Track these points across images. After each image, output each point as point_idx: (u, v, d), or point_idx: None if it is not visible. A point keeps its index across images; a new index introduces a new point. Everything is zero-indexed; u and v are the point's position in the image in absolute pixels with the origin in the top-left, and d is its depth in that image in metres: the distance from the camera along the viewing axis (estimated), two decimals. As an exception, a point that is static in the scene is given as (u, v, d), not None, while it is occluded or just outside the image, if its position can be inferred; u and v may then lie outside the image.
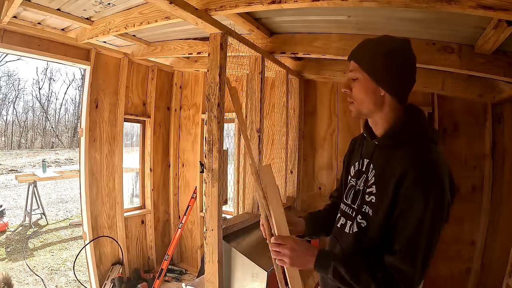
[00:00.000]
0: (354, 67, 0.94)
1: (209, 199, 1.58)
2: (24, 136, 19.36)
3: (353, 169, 1.07)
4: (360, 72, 0.93)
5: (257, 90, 2.02)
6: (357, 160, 1.06)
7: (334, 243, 1.06)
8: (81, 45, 2.72)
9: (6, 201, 6.91)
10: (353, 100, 0.97)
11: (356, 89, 0.95)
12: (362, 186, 0.97)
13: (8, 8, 1.88)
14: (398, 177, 0.84)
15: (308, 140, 2.97)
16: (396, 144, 0.92)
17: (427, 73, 2.29)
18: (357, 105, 0.96)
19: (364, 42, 0.97)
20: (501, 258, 2.10)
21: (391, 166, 0.89)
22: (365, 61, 0.93)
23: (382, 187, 0.89)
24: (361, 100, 0.95)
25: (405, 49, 0.93)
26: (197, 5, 1.51)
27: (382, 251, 0.86)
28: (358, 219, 0.95)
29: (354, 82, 0.95)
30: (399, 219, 0.84)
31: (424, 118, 1.00)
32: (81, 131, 2.90)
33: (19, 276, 3.56)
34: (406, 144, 0.90)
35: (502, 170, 2.24)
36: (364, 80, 0.93)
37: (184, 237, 3.74)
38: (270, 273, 1.57)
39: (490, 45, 1.56)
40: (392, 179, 0.86)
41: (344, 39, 2.02)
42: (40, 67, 20.11)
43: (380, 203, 0.89)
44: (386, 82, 0.91)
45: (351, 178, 1.06)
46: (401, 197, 0.84)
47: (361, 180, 1.00)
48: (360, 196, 0.97)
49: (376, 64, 0.91)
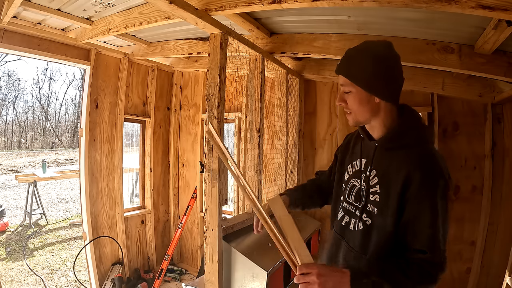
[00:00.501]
0: (345, 81, 0.98)
1: (209, 199, 1.58)
2: (24, 136, 19.37)
3: (350, 168, 1.11)
4: (352, 86, 0.96)
5: (257, 90, 2.02)
6: (354, 159, 1.10)
7: (338, 240, 1.10)
8: (81, 45, 2.72)
9: (6, 201, 6.91)
10: (350, 111, 1.00)
11: (351, 101, 0.98)
12: (365, 186, 1.01)
13: (8, 8, 1.88)
14: (404, 180, 0.89)
15: (308, 140, 2.97)
16: (397, 146, 0.96)
17: (427, 73, 2.29)
18: (354, 116, 1.00)
19: (347, 54, 1.00)
20: (501, 258, 2.10)
21: (393, 167, 0.94)
22: (353, 74, 0.96)
23: (386, 187, 0.94)
24: (357, 111, 0.98)
25: (387, 52, 0.96)
26: (197, 5, 1.51)
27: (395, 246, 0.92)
28: (363, 217, 0.99)
29: (348, 95, 0.99)
30: (413, 220, 0.89)
31: (420, 119, 1.03)
32: (81, 131, 2.90)
33: (19, 276, 3.56)
34: (406, 146, 0.95)
35: (502, 170, 2.25)
36: (357, 93, 0.96)
37: (184, 237, 3.74)
38: (270, 273, 1.57)
39: (490, 45, 1.56)
40: (396, 180, 0.91)
41: (344, 39, 2.02)
42: (40, 67, 20.17)
43: (385, 203, 0.93)
44: (378, 90, 0.95)
45: (351, 178, 1.10)
46: (410, 199, 0.89)
47: (361, 179, 1.04)
48: (364, 195, 1.01)
49: (364, 74, 0.94)
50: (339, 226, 1.10)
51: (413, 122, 0.99)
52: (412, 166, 0.89)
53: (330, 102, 2.87)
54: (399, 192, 0.90)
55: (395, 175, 0.92)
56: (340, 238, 1.09)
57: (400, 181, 0.90)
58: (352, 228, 1.03)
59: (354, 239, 1.03)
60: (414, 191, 0.88)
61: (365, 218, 0.99)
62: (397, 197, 0.90)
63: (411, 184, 0.88)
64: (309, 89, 2.96)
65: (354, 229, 1.02)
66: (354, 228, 1.02)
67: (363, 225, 0.99)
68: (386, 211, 0.93)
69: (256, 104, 2.04)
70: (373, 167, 1.00)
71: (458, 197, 2.38)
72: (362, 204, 1.01)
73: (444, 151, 2.42)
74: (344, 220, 1.08)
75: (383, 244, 0.95)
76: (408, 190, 0.89)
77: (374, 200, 0.97)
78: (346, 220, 1.08)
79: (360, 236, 1.00)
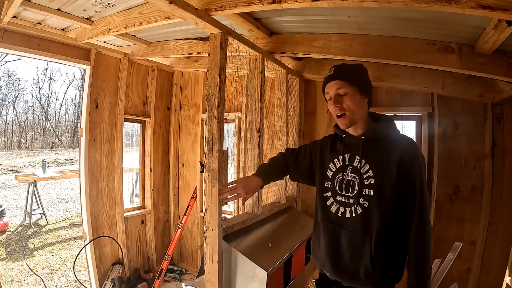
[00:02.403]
0: (341, 84, 1.19)
1: (209, 199, 1.58)
2: (24, 136, 19.37)
3: (333, 165, 1.30)
4: (348, 87, 1.18)
5: (257, 90, 2.02)
6: (336, 157, 1.29)
7: (336, 230, 1.24)
8: (81, 45, 2.72)
9: (6, 201, 6.92)
10: (345, 111, 1.19)
11: (347, 102, 1.19)
12: (355, 176, 1.21)
13: (8, 8, 1.88)
14: (398, 159, 1.14)
15: (308, 140, 2.96)
16: (380, 137, 1.21)
17: (427, 73, 2.29)
18: (350, 115, 1.19)
19: (339, 67, 1.23)
20: (501, 258, 2.10)
21: (384, 153, 1.18)
22: (349, 77, 1.19)
23: (381, 169, 1.17)
24: (354, 110, 1.19)
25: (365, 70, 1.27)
26: (197, 5, 1.51)
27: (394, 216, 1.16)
28: (361, 201, 1.18)
29: (343, 97, 1.19)
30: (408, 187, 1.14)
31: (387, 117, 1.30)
32: (81, 131, 2.90)
33: (19, 276, 3.56)
34: (386, 137, 1.21)
35: (502, 170, 2.25)
36: (353, 93, 1.19)
37: (184, 237, 3.74)
38: (270, 273, 1.57)
39: (490, 45, 1.56)
40: (391, 162, 1.15)
41: (344, 39, 2.02)
42: (40, 67, 20.21)
43: (382, 181, 1.15)
44: (368, 92, 1.23)
45: (337, 173, 1.27)
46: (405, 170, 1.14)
47: (348, 171, 1.24)
48: (357, 183, 1.20)
49: (358, 79, 1.21)
50: (335, 218, 1.26)
51: (384, 119, 1.26)
52: (402, 149, 1.16)
53: (330, 102, 2.87)
54: (396, 168, 1.14)
55: (388, 158, 1.16)
56: (339, 228, 1.24)
57: (395, 161, 1.15)
58: (349, 215, 1.21)
59: (354, 224, 1.19)
60: (407, 165, 1.14)
61: (362, 201, 1.18)
62: (396, 170, 1.14)
63: (404, 161, 1.14)
64: (309, 89, 2.96)
65: (351, 215, 1.20)
66: (351, 215, 1.20)
67: (361, 208, 1.18)
68: (386, 185, 1.15)
69: (256, 104, 2.03)
70: (362, 158, 1.21)
71: (458, 197, 2.38)
72: (357, 191, 1.20)
73: (444, 151, 2.42)
74: (340, 211, 1.24)
75: (385, 217, 1.14)
76: (403, 165, 1.14)
77: (369, 183, 1.17)
78: (341, 211, 1.24)
79: (360, 219, 1.18)
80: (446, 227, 2.38)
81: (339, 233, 1.23)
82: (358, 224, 1.18)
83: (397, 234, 1.17)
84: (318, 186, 1.36)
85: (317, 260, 1.36)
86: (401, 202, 1.15)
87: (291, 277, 1.92)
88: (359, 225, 1.18)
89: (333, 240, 1.25)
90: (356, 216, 1.19)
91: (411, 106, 2.55)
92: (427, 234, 1.12)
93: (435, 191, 2.41)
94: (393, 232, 1.16)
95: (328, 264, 1.26)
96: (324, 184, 1.32)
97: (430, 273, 1.16)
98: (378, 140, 1.21)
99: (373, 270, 1.14)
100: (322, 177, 1.34)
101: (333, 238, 1.25)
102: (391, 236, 1.16)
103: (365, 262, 1.15)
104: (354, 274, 1.18)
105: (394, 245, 1.17)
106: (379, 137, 1.21)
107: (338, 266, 1.23)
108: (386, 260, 1.16)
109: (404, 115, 2.65)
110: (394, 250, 1.17)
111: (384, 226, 1.15)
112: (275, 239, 1.93)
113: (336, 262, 1.23)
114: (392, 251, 1.17)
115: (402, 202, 1.15)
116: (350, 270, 1.19)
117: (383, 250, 1.15)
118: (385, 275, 1.16)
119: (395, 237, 1.17)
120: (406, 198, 1.14)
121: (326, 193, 1.30)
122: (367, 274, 1.15)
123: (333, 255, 1.25)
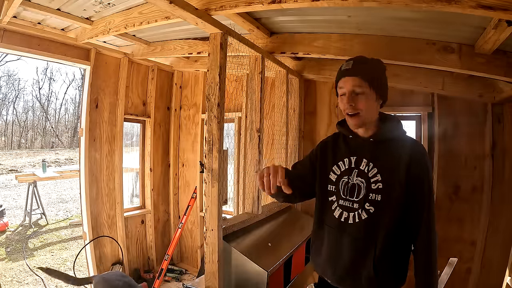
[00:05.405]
0: (360, 82, 1.10)
1: (209, 199, 1.58)
2: (24, 136, 19.36)
3: (337, 168, 1.22)
4: (366, 87, 1.10)
5: (257, 90, 2.02)
6: (340, 160, 1.21)
7: (338, 236, 1.18)
8: (81, 45, 2.72)
9: (6, 201, 6.91)
10: (359, 110, 1.11)
11: (362, 102, 1.10)
12: (361, 180, 1.14)
13: (8, 8, 1.88)
14: (408, 161, 1.09)
15: (308, 140, 2.96)
16: (389, 139, 1.16)
17: (427, 73, 2.29)
18: (364, 116, 1.11)
19: (361, 61, 1.14)
20: (501, 258, 2.10)
21: (393, 156, 1.12)
22: (370, 77, 1.10)
23: (390, 173, 1.10)
24: (368, 111, 1.12)
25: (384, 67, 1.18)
26: (197, 5, 1.51)
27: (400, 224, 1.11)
28: (366, 206, 1.12)
29: (359, 96, 1.10)
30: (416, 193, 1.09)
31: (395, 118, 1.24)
32: (81, 131, 2.90)
33: (19, 276, 3.56)
34: (395, 138, 1.16)
35: (502, 170, 2.25)
36: (370, 94, 1.11)
37: (184, 237, 3.74)
38: (270, 273, 1.57)
39: (490, 45, 1.56)
40: (400, 165, 1.10)
41: (344, 39, 2.01)
42: (40, 67, 20.15)
43: (392, 184, 1.10)
44: (384, 94, 1.16)
45: (341, 177, 1.19)
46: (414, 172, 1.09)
47: (353, 175, 1.16)
48: (364, 187, 1.13)
49: (378, 80, 1.13)
50: (337, 223, 1.18)
51: (392, 119, 1.20)
52: (411, 151, 1.11)
53: (330, 102, 2.87)
54: (405, 173, 1.09)
55: (397, 160, 1.10)
56: (341, 233, 1.17)
57: (404, 164, 1.09)
58: (352, 221, 1.14)
59: (358, 230, 1.13)
60: (416, 170, 1.09)
61: (368, 207, 1.12)
62: (405, 174, 1.09)
63: (412, 165, 1.09)
64: (309, 89, 2.96)
65: (354, 221, 1.14)
66: (354, 220, 1.14)
67: (366, 213, 1.12)
68: (395, 190, 1.09)
69: (256, 104, 2.03)
70: (370, 161, 1.14)
71: (458, 197, 2.38)
72: (363, 195, 1.13)
73: (444, 151, 2.42)
74: (343, 216, 1.17)
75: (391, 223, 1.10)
76: (411, 169, 1.09)
77: (377, 188, 1.11)
78: (345, 216, 1.17)
79: (364, 225, 1.12)
80: (446, 227, 2.38)
81: (341, 239, 1.17)
82: (362, 229, 1.12)
83: (401, 240, 1.13)
84: (319, 190, 1.28)
85: (317, 267, 1.31)
86: (408, 208, 1.10)
87: (291, 277, 1.92)
88: (363, 231, 1.12)
89: (335, 246, 1.19)
90: (360, 221, 1.13)
91: (411, 106, 2.55)
92: (434, 240, 1.10)
93: (435, 191, 2.41)
94: (398, 238, 1.12)
95: (329, 272, 1.22)
96: (327, 188, 1.24)
97: (437, 280, 1.16)
98: (385, 142, 1.15)
99: (376, 277, 1.11)
100: (324, 181, 1.25)
101: (335, 244, 1.19)
102: (396, 242, 1.12)
103: (368, 269, 1.11)
104: (356, 281, 1.14)
105: (398, 251, 1.13)
106: (387, 138, 1.16)
107: (339, 273, 1.18)
108: (390, 267, 1.12)
109: (404, 115, 2.65)
110: (397, 257, 1.14)
111: (390, 232, 1.10)
112: (275, 239, 1.93)
113: (337, 269, 1.18)
114: (395, 258, 1.13)
115: (409, 208, 1.10)
116: (352, 277, 1.15)
117: (387, 257, 1.11)
118: (387, 282, 1.13)
119: (399, 243, 1.13)
120: (413, 204, 1.10)
121: (331, 197, 1.22)
122: (370, 281, 1.12)
123: (334, 261, 1.19)
